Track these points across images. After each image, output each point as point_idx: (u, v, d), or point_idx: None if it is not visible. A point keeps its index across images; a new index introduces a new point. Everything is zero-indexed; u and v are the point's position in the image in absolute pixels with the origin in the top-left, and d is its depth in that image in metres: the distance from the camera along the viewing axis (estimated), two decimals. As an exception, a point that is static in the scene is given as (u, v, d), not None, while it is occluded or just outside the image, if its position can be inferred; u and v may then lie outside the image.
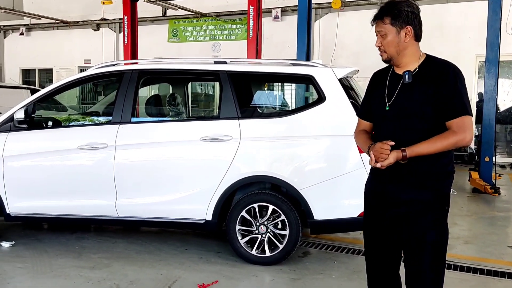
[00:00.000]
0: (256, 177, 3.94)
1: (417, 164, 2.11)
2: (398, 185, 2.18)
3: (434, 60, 2.21)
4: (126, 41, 9.98)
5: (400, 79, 2.19)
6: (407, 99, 2.15)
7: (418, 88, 2.13)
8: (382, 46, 2.19)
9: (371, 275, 2.42)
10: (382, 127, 2.22)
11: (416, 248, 2.17)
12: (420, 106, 2.11)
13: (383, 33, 2.17)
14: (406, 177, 2.16)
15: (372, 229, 2.35)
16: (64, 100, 13.64)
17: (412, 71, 2.16)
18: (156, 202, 4.05)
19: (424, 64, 2.19)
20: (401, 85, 2.18)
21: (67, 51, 15.61)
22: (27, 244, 4.49)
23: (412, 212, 2.15)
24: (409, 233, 2.18)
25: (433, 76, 2.12)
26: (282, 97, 5.69)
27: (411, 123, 2.14)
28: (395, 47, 2.17)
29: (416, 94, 2.13)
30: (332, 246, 4.55)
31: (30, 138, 4.28)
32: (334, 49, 11.40)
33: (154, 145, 4.08)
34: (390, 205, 2.22)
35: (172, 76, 5.04)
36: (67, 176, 4.19)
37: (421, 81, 2.14)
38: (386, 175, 2.19)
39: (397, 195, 2.19)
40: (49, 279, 3.66)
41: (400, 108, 2.16)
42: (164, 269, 3.88)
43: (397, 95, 2.18)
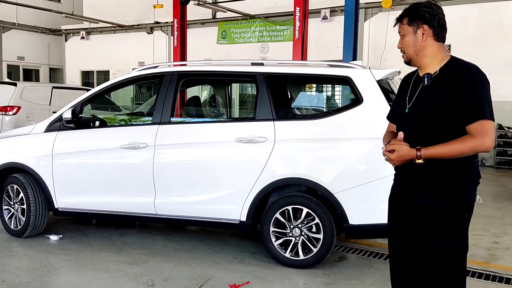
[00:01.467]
0: (290, 179, 3.92)
1: (432, 168, 2.08)
2: (414, 190, 2.17)
3: (457, 62, 2.15)
4: (175, 44, 10.26)
5: (420, 81, 2.19)
6: (425, 102, 2.13)
7: (436, 91, 2.10)
8: (402, 47, 2.23)
9: (395, 282, 2.36)
10: (403, 129, 2.17)
11: (431, 256, 2.11)
12: (439, 109, 2.07)
13: (402, 33, 2.21)
14: (422, 182, 2.13)
15: (394, 233, 2.31)
16: (120, 101, 14.24)
17: (432, 74, 2.14)
18: (193, 201, 4.13)
19: (446, 66, 2.14)
20: (421, 88, 2.17)
21: (123, 53, 16.26)
22: (74, 238, 4.73)
23: (427, 218, 2.11)
24: (424, 240, 2.13)
25: (453, 79, 2.07)
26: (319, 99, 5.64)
27: (428, 126, 2.10)
28: (412, 47, 2.18)
29: (434, 96, 2.10)
30: (370, 251, 4.44)
31: (76, 137, 4.49)
32: (384, 49, 11.12)
33: (192, 145, 4.16)
34: (411, 210, 2.18)
35: (211, 78, 5.12)
36: (109, 174, 4.36)
37: (440, 84, 2.11)
38: (404, 180, 2.19)
39: (413, 200, 2.17)
40: (89, 272, 3.83)
41: (418, 111, 2.14)
42: (199, 268, 3.95)
43: (416, 97, 2.17)
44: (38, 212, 4.54)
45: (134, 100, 15.39)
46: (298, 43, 8.47)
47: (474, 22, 10.60)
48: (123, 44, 16.34)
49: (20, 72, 18.08)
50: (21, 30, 17.57)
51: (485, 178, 9.81)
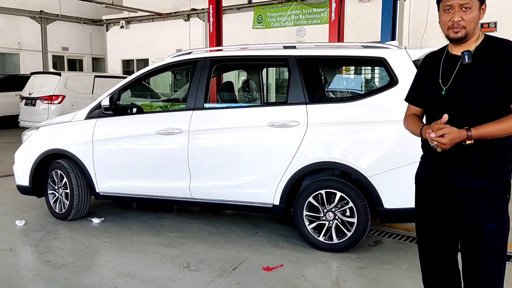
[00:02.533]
0: (323, 163, 3.89)
1: (475, 149, 1.97)
2: (453, 171, 2.03)
3: (495, 39, 2.04)
4: (211, 30, 10.30)
5: (457, 60, 2.04)
6: (467, 81, 1.99)
7: (478, 69, 1.97)
8: (463, 21, 1.98)
9: (425, 268, 2.31)
10: (438, 113, 2.03)
11: (474, 239, 2.03)
12: (481, 88, 1.96)
13: (468, 5, 1.97)
14: (463, 163, 2.01)
15: (424, 219, 2.23)
16: (159, 87, 14.53)
17: (471, 51, 2.00)
18: (226, 185, 4.18)
19: (483, 44, 2.02)
20: (459, 66, 2.02)
21: (161, 41, 16.52)
22: (114, 221, 4.91)
23: (471, 200, 2.01)
24: (466, 223, 2.04)
25: (495, 56, 1.96)
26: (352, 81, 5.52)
27: (471, 107, 1.98)
28: (475, 23, 2.00)
29: (477, 75, 1.97)
30: (407, 236, 4.37)
31: (115, 124, 4.63)
32: (425, 29, 10.74)
33: (225, 130, 4.20)
34: (445, 193, 2.08)
35: (244, 63, 5.13)
36: (146, 159, 4.48)
37: (481, 61, 1.98)
38: (441, 161, 2.06)
39: (453, 182, 2.05)
40: (128, 253, 3.97)
41: (459, 91, 2.01)
42: (233, 250, 4.01)
43: (454, 77, 2.03)
44: (81, 196, 4.73)
45: (172, 87, 15.65)
46: (335, 25, 8.31)
47: (522, -3, 10.05)
48: (161, 32, 16.60)
49: (65, 62, 18.76)
50: (64, 21, 18.18)
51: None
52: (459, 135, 1.93)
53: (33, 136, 4.99)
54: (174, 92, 14.31)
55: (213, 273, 3.55)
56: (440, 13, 2.05)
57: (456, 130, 1.94)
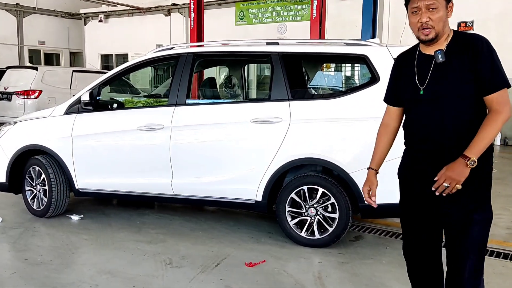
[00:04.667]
0: (306, 159, 3.92)
1: (459, 143, 2.02)
2: (438, 166, 2.05)
3: (463, 35, 2.08)
4: (192, 25, 10.22)
5: (431, 59, 2.07)
6: (443, 79, 2.03)
7: (453, 66, 2.02)
8: (431, 21, 1.99)
9: (410, 260, 2.37)
10: (417, 112, 2.11)
11: (461, 228, 2.09)
12: (458, 84, 2.01)
13: (434, 6, 1.99)
14: (446, 158, 2.04)
15: (410, 212, 2.29)
16: (138, 83, 14.35)
17: (443, 49, 2.04)
18: (209, 182, 4.17)
19: (453, 40, 2.06)
20: (434, 65, 2.06)
21: (141, 36, 16.34)
22: (94, 218, 4.84)
23: (458, 192, 2.03)
24: (454, 213, 2.09)
25: (467, 52, 2.00)
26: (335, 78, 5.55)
27: (450, 104, 2.03)
28: (443, 23, 2.02)
29: (452, 72, 2.02)
30: (387, 231, 4.43)
31: (95, 119, 4.56)
32: (404, 27, 10.87)
33: (208, 126, 4.18)
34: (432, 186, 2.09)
35: (226, 59, 5.11)
36: (127, 155, 4.43)
37: (454, 59, 2.02)
38: (426, 157, 2.12)
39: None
40: (109, 251, 3.92)
41: (436, 90, 2.05)
42: (216, 247, 4.00)
43: (430, 76, 2.06)
44: (60, 193, 4.65)
45: (152, 83, 15.49)
46: (316, 22, 8.34)
47: (498, -3, 10.27)
48: (141, 27, 16.41)
49: (41, 56, 18.36)
50: (41, 15, 17.79)
51: (507, 157, 9.61)
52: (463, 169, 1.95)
53: (10, 131, 4.88)
54: (154, 87, 14.17)
55: (196, 269, 3.54)
56: (409, 15, 2.07)
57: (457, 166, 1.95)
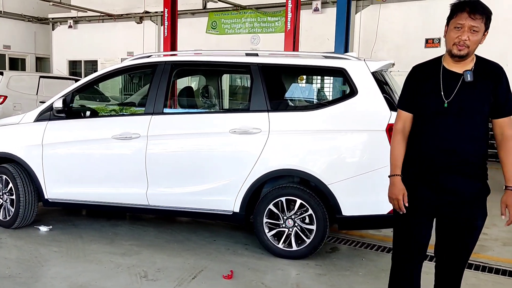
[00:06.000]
0: (284, 171, 3.91)
1: (469, 156, 2.27)
2: (450, 175, 2.29)
3: (485, 60, 2.34)
4: (166, 34, 10.15)
5: (457, 76, 2.28)
6: (469, 97, 2.26)
7: (478, 87, 2.26)
8: (468, 41, 2.20)
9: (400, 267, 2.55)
10: (438, 123, 2.30)
11: (465, 233, 2.36)
12: (480, 104, 2.26)
13: (477, 29, 2.20)
14: (459, 168, 2.28)
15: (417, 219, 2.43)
16: (108, 91, 14.09)
17: (472, 70, 2.27)
18: (186, 193, 4.10)
19: (478, 64, 2.30)
20: (462, 83, 2.27)
21: (112, 43, 16.06)
22: (64, 229, 4.68)
23: (466, 200, 2.30)
24: (459, 217, 2.33)
25: (490, 76, 2.27)
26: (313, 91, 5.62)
27: (470, 120, 2.26)
28: (476, 46, 2.25)
29: (477, 92, 2.26)
30: (362, 242, 4.47)
31: (67, 127, 4.43)
32: (375, 42, 11.16)
33: (185, 136, 4.12)
34: (441, 193, 2.33)
35: (205, 68, 5.08)
36: (101, 165, 4.31)
37: (480, 81, 2.26)
38: (440, 166, 2.30)
39: (450, 185, 2.30)
40: (81, 263, 3.79)
41: (461, 106, 2.26)
42: (192, 259, 3.93)
43: (457, 92, 2.26)
44: (28, 203, 4.47)
45: (123, 91, 15.24)
46: (290, 34, 8.43)
47: (464, 16, 10.68)
48: (111, 34, 16.14)
49: (6, 61, 17.77)
50: (7, 18, 17.24)
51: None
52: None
53: (-24, 138, 4.67)
54: (125, 96, 13.94)
55: (172, 282, 3.46)
56: (450, 29, 2.26)
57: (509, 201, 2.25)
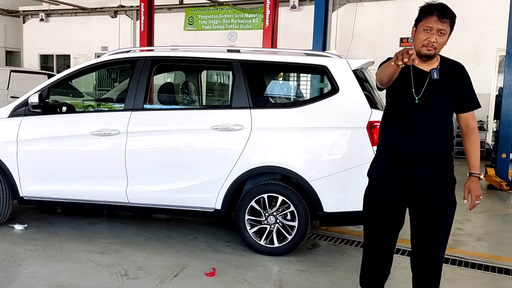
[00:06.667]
0: (266, 168, 3.92)
1: (436, 148, 2.44)
2: (419, 166, 2.44)
3: (449, 60, 2.51)
4: (142, 29, 10.00)
5: (425, 74, 2.43)
6: (436, 93, 2.42)
7: (445, 84, 2.43)
8: (436, 43, 2.35)
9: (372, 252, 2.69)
10: (409, 117, 2.45)
11: (434, 219, 2.48)
12: (446, 99, 2.44)
13: (444, 32, 2.35)
14: (427, 159, 2.43)
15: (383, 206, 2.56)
16: (81, 87, 13.79)
17: (438, 69, 2.42)
18: (166, 190, 4.06)
19: (443, 63, 2.48)
20: (430, 80, 2.42)
21: (85, 37, 15.73)
22: (39, 227, 4.56)
23: (434, 189, 2.45)
24: (428, 207, 2.47)
25: (455, 74, 2.46)
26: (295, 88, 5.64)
27: (437, 114, 2.44)
28: (441, 47, 2.42)
29: (443, 89, 2.43)
30: (342, 238, 4.52)
31: (44, 123, 4.32)
32: (351, 40, 11.28)
33: (166, 132, 4.08)
34: (411, 184, 2.47)
35: (186, 64, 5.03)
36: (79, 162, 4.22)
37: (445, 78, 2.42)
38: (409, 157, 2.45)
39: (419, 175, 2.45)
40: (59, 262, 3.71)
41: (429, 101, 2.42)
42: (173, 256, 3.90)
43: (425, 89, 2.42)
44: (2, 201, 4.34)
45: (97, 86, 14.95)
46: (268, 31, 8.43)
47: (438, 16, 10.90)
48: (85, 28, 15.81)
49: (-26, 54, 17.19)
50: (-25, 10, 16.67)
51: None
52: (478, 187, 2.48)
53: None
54: (100, 91, 13.69)
55: (154, 280, 3.42)
56: (419, 31, 2.40)
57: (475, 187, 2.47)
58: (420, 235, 2.55)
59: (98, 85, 14.89)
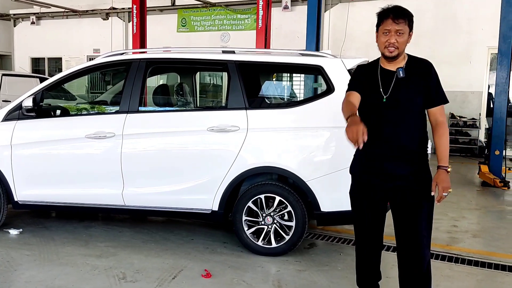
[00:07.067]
0: (263, 168, 3.92)
1: (408, 144, 2.54)
2: (394, 162, 2.56)
3: (416, 58, 2.61)
4: (135, 31, 9.96)
5: (392, 74, 2.55)
6: (403, 91, 2.52)
7: (411, 81, 2.53)
8: (397, 43, 2.48)
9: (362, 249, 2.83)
10: (379, 116, 2.56)
11: (414, 213, 2.58)
12: (414, 96, 2.53)
13: (402, 31, 2.48)
14: (400, 156, 2.55)
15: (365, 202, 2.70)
16: (73, 89, 13.70)
17: (403, 68, 2.53)
18: (163, 192, 4.05)
19: (409, 61, 2.57)
20: (396, 79, 2.54)
21: (77, 40, 15.65)
22: (35, 231, 4.53)
23: (409, 184, 2.56)
24: (407, 201, 2.58)
25: (421, 72, 2.54)
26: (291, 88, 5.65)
27: (406, 112, 2.53)
28: (404, 46, 2.53)
29: (410, 86, 2.53)
30: (339, 238, 4.53)
31: (38, 127, 4.29)
32: (344, 40, 11.31)
33: (162, 134, 4.07)
34: (388, 180, 2.59)
35: (180, 66, 5.02)
36: (74, 165, 4.20)
37: (412, 75, 2.53)
38: (383, 154, 2.57)
39: (395, 171, 2.57)
40: (55, 266, 3.68)
41: (397, 99, 2.52)
42: (170, 259, 3.89)
43: (393, 88, 2.53)
44: (-4, 206, 4.31)
45: (89, 89, 14.87)
46: (262, 32, 8.43)
47: (430, 14, 10.96)
48: (76, 30, 15.72)
49: (-36, 58, 17.04)
50: (-35, 14, 16.52)
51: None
52: (447, 178, 2.50)
53: None
54: (92, 94, 13.61)
55: (152, 283, 3.41)
56: (379, 35, 2.54)
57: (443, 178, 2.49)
58: (402, 229, 2.64)
59: (90, 88, 14.80)
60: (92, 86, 14.91)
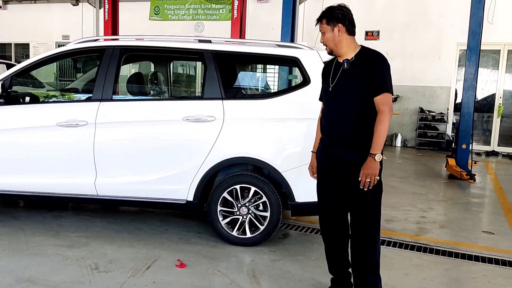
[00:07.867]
0: (238, 159, 3.92)
1: (350, 130, 2.74)
2: (343, 149, 2.78)
3: (367, 50, 2.80)
4: (106, 17, 9.73)
5: (341, 66, 2.80)
6: (346, 81, 2.75)
7: (354, 72, 2.73)
8: (324, 41, 2.82)
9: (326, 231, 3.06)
10: (328, 104, 2.87)
11: (360, 199, 2.77)
12: (356, 85, 2.71)
13: (322, 31, 2.80)
14: (344, 141, 2.77)
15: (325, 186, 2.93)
16: (41, 77, 13.30)
17: (349, 60, 2.76)
18: (137, 182, 4.00)
19: (359, 54, 2.77)
20: (341, 71, 2.78)
21: (45, 26, 15.15)
22: (3, 221, 4.41)
23: (352, 166, 2.74)
24: (352, 181, 2.74)
25: (366, 62, 2.72)
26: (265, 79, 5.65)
27: (348, 100, 2.73)
28: (332, 41, 2.79)
29: (353, 76, 2.73)
30: (312, 228, 4.59)
31: (6, 114, 4.16)
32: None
33: (136, 123, 4.01)
34: (338, 165, 2.81)
35: (155, 54, 4.94)
36: (45, 153, 4.10)
37: (357, 67, 2.73)
38: (330, 140, 2.84)
39: (344, 157, 2.78)
40: (25, 256, 3.60)
41: (340, 88, 2.77)
42: (144, 249, 3.86)
43: (338, 78, 2.79)
44: (-38, 195, 4.16)
45: (59, 77, 14.46)
46: (237, 22, 8.39)
47: (402, 10, 11.13)
48: (45, 16, 15.22)
49: None
50: None
51: (408, 158, 10.44)
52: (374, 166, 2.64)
53: None
54: (61, 81, 13.25)
55: (126, 273, 3.38)
56: None
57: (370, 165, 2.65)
58: (352, 212, 2.85)
59: (59, 76, 14.39)
60: (61, 74, 14.50)
